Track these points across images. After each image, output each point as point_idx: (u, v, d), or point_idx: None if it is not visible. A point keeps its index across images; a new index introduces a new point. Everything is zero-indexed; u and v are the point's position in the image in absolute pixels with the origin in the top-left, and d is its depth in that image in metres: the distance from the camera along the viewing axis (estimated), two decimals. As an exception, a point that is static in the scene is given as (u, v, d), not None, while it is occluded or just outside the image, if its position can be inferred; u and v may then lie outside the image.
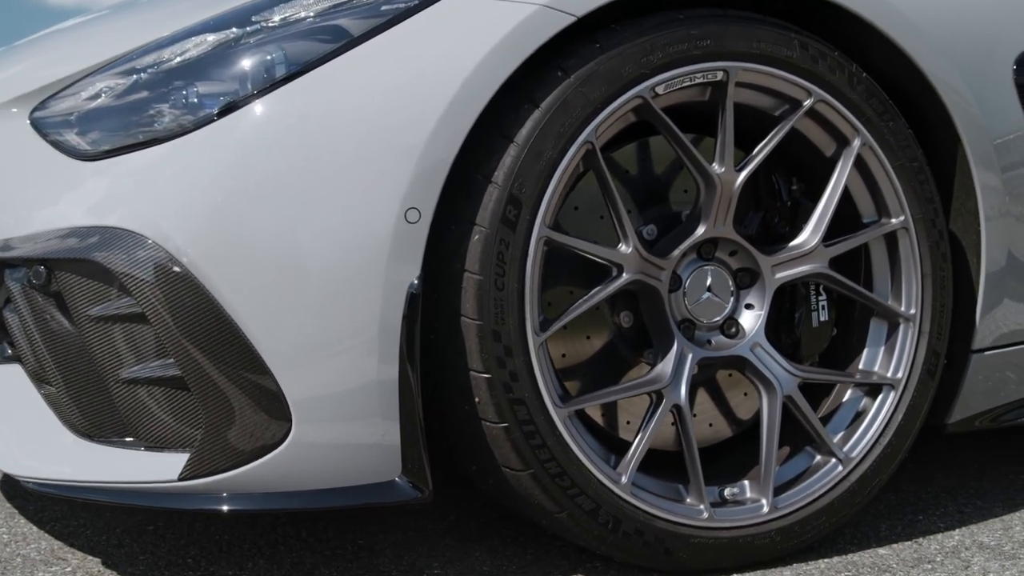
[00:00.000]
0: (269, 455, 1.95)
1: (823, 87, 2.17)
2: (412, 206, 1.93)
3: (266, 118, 1.95)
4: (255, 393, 1.93)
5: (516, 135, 1.99)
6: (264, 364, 1.92)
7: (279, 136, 1.94)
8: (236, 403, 1.94)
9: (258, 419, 1.94)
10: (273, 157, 1.93)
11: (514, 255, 1.98)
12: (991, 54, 2.34)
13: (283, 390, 1.92)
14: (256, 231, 1.92)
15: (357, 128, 1.94)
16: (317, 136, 1.94)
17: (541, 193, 2.00)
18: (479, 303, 1.97)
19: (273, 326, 1.92)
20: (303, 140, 1.94)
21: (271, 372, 1.92)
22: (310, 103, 1.95)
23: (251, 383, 1.93)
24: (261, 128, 1.95)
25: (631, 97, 2.04)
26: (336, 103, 1.95)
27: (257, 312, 1.92)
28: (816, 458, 2.25)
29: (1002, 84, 2.34)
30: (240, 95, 1.98)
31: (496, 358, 1.97)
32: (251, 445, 1.95)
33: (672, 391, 2.12)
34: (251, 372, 1.93)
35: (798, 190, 2.29)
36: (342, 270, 1.92)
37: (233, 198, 1.93)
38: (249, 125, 1.96)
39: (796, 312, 2.29)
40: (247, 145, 1.95)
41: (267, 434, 1.94)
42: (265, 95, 1.97)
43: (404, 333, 1.93)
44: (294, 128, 1.94)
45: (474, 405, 2.00)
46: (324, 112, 1.95)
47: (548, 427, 2.01)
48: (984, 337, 2.36)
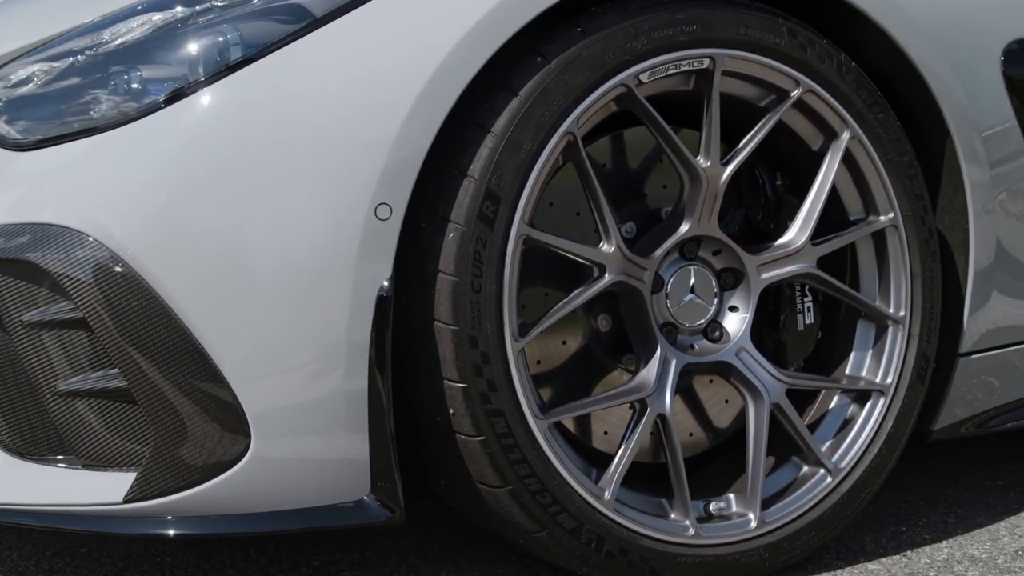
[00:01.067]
0: (226, 473, 1.79)
1: (811, 77, 2.06)
2: (383, 201, 1.78)
3: (219, 106, 1.80)
4: (209, 405, 1.77)
5: (493, 125, 1.85)
6: (219, 373, 1.76)
7: (234, 126, 1.79)
8: (188, 417, 1.78)
9: (213, 434, 1.78)
10: (227, 148, 1.78)
11: (492, 254, 1.84)
12: (980, 44, 2.24)
13: (241, 402, 1.77)
14: (209, 228, 1.76)
15: (321, 117, 1.79)
16: (276, 126, 1.78)
17: (520, 188, 1.86)
18: (454, 306, 1.82)
19: (229, 331, 1.76)
20: (260, 130, 1.78)
21: (227, 382, 1.76)
22: (268, 90, 1.80)
23: (205, 394, 1.77)
24: (213, 117, 1.79)
25: (614, 85, 1.92)
26: (297, 90, 1.80)
27: (211, 315, 1.76)
28: (803, 469, 2.13)
29: (990, 76, 2.25)
30: (189, 81, 1.82)
31: (473, 366, 1.83)
32: (205, 462, 1.79)
33: (657, 399, 2.00)
34: (205, 382, 1.77)
35: (782, 186, 2.18)
36: (306, 270, 1.77)
37: (183, 192, 1.77)
38: (200, 113, 1.80)
39: (781, 314, 2.18)
40: (198, 135, 1.79)
41: (223, 450, 1.78)
42: (217, 81, 1.81)
43: (374, 339, 1.78)
44: (250, 117, 1.79)
45: (448, 417, 1.86)
46: (284, 100, 1.79)
47: (528, 440, 1.87)
48: (971, 340, 2.27)
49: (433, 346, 1.84)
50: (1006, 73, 2.25)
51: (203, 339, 1.76)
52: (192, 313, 1.76)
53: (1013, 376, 2.34)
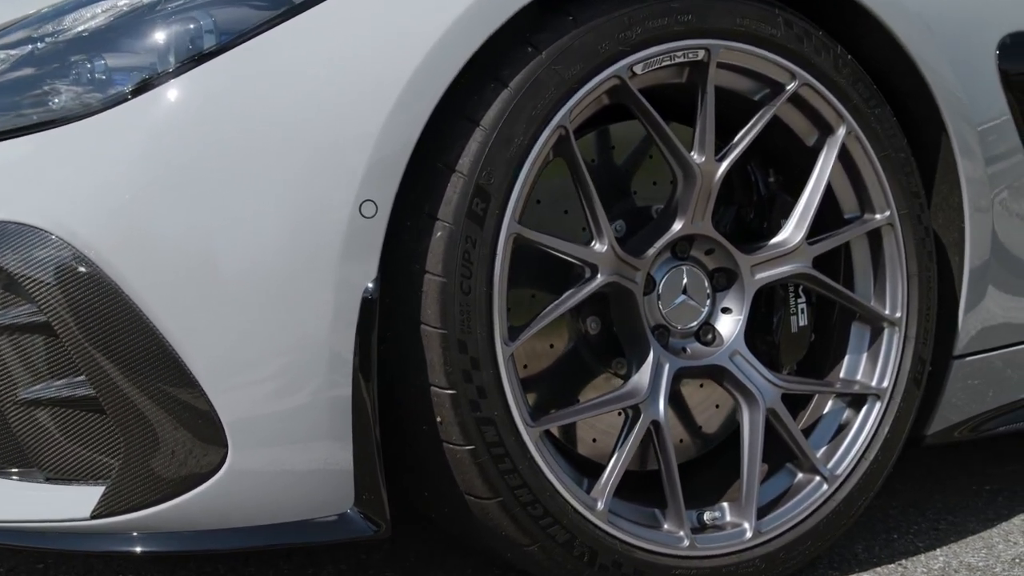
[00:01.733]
0: (201, 487, 1.69)
1: (808, 69, 1.99)
2: (368, 198, 1.69)
3: (191, 97, 1.70)
4: (183, 414, 1.68)
5: (482, 118, 1.76)
6: (193, 379, 1.66)
7: (207, 118, 1.69)
8: (160, 426, 1.68)
9: (187, 444, 1.68)
10: (200, 142, 1.68)
11: (482, 254, 1.76)
12: (975, 38, 2.19)
13: (216, 410, 1.67)
14: (181, 225, 1.67)
15: (302, 109, 1.70)
16: (254, 118, 1.69)
17: (511, 184, 1.78)
18: (442, 309, 1.74)
19: (204, 334, 1.66)
20: (236, 123, 1.69)
21: (202, 389, 1.67)
22: (243, 80, 1.70)
23: (178, 402, 1.68)
24: (185, 108, 1.70)
25: (608, 77, 1.84)
26: (275, 80, 1.70)
27: (184, 318, 1.66)
28: (798, 476, 2.07)
29: (986, 70, 2.19)
30: (158, 71, 1.72)
31: (462, 372, 1.75)
32: (179, 475, 1.69)
33: (650, 405, 1.92)
34: (178, 389, 1.67)
35: (775, 182, 2.11)
36: (287, 270, 1.67)
37: (153, 188, 1.68)
38: (170, 105, 1.70)
39: (774, 316, 2.11)
40: (168, 128, 1.69)
41: (198, 462, 1.69)
42: (189, 70, 1.71)
43: (358, 343, 1.69)
44: (224, 109, 1.69)
45: (434, 425, 1.77)
46: (260, 91, 1.70)
47: (519, 449, 1.79)
48: (965, 342, 2.21)
49: (419, 351, 1.75)
50: (1001, 67, 2.20)
51: (176, 343, 1.66)
52: (164, 315, 1.66)
53: (1007, 379, 2.29)
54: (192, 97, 1.70)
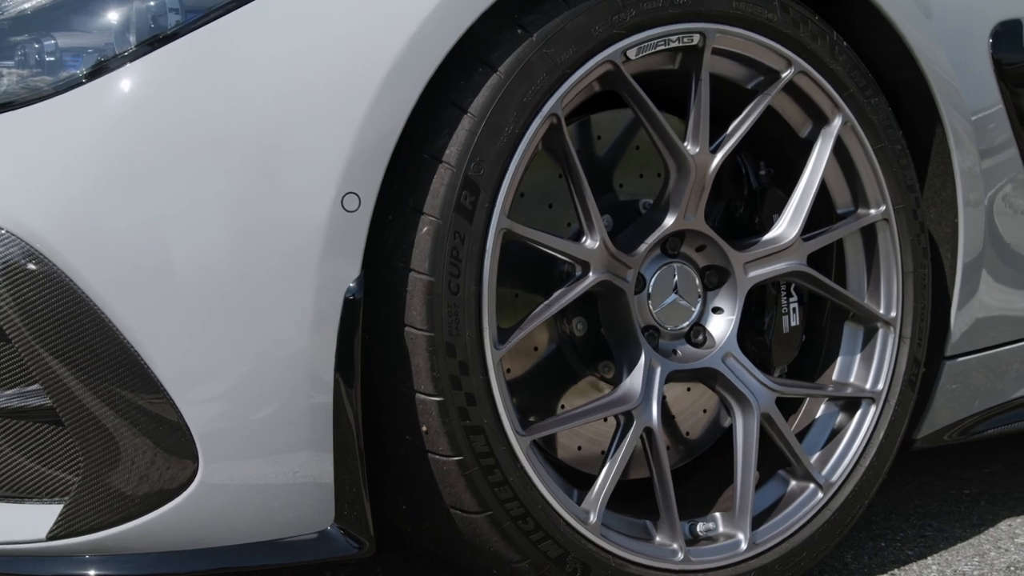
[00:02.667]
0: (169, 504, 1.57)
1: (804, 56, 1.91)
2: (350, 191, 1.58)
3: (154, 81, 1.58)
4: (149, 424, 1.56)
5: (470, 105, 1.66)
6: (160, 386, 1.54)
7: (172, 103, 1.57)
8: (124, 439, 1.56)
9: (154, 458, 1.56)
10: (165, 129, 1.56)
11: (471, 251, 1.65)
12: (969, 25, 2.12)
13: (186, 419, 1.55)
14: (144, 219, 1.55)
15: (277, 94, 1.58)
16: (223, 104, 1.57)
17: (501, 176, 1.67)
18: (429, 310, 1.63)
19: (172, 337, 1.54)
20: (204, 109, 1.57)
21: (170, 396, 1.55)
22: (212, 62, 1.58)
23: (143, 412, 1.55)
24: (147, 93, 1.57)
25: (601, 61, 1.74)
26: (247, 63, 1.59)
27: (150, 319, 1.54)
28: (791, 484, 1.99)
29: (980, 59, 2.13)
30: (116, 52, 1.59)
31: (450, 377, 1.64)
32: (146, 492, 1.57)
33: (643, 411, 1.83)
34: (143, 398, 1.55)
35: (766, 176, 2.03)
36: (262, 269, 1.56)
37: (112, 178, 1.56)
38: (130, 89, 1.58)
39: (765, 316, 2.03)
40: (128, 114, 1.57)
41: (167, 477, 1.57)
42: (151, 51, 1.59)
43: (340, 347, 1.58)
44: (191, 94, 1.57)
45: (419, 435, 1.67)
46: (231, 74, 1.58)
47: (510, 460, 1.69)
48: (957, 342, 2.15)
49: (404, 355, 1.64)
50: (994, 56, 2.14)
51: (140, 346, 1.54)
52: (126, 316, 1.54)
53: (997, 380, 2.23)
54: (154, 81, 1.58)
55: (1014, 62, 2.15)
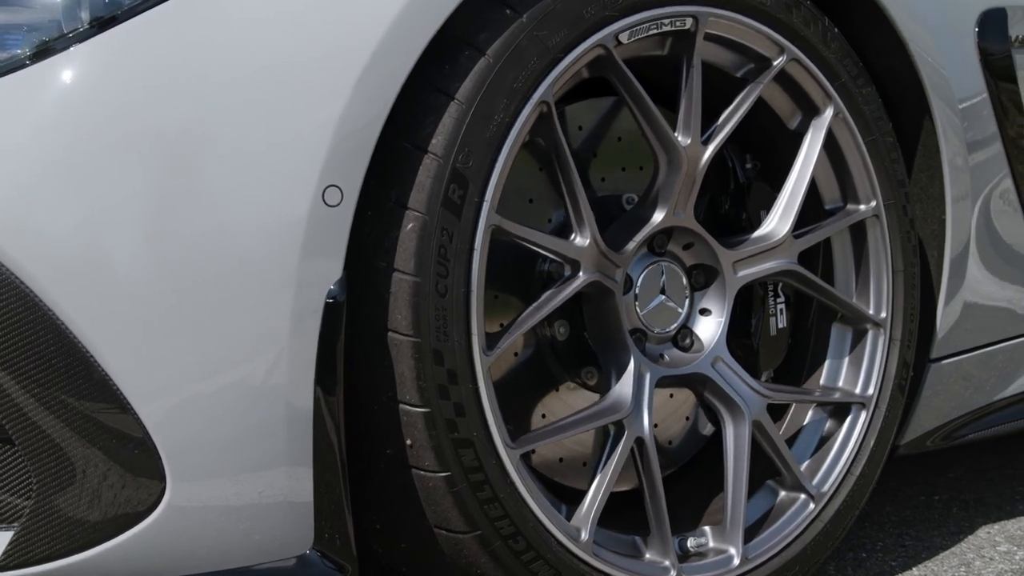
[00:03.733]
0: (133, 529, 1.45)
1: (796, 43, 1.84)
2: (332, 183, 1.47)
3: (109, 63, 1.46)
4: (110, 441, 1.43)
5: (457, 91, 1.56)
6: (122, 397, 1.42)
7: (131, 86, 1.45)
8: (82, 457, 1.43)
9: (116, 478, 1.44)
10: (123, 115, 1.44)
11: (459, 249, 1.55)
12: (956, 11, 2.07)
13: (152, 434, 1.43)
14: (102, 213, 1.42)
15: (251, 76, 1.47)
16: (191, 86, 1.45)
17: (491, 168, 1.57)
18: (415, 313, 1.53)
19: (135, 343, 1.42)
20: (168, 92, 1.45)
21: (133, 409, 1.42)
22: (177, 42, 1.46)
23: (103, 427, 1.43)
24: (102, 76, 1.45)
25: (592, 45, 1.65)
26: (216, 41, 1.47)
27: (108, 323, 1.42)
28: (781, 495, 1.91)
29: (966, 48, 2.08)
30: (66, 30, 1.46)
31: (438, 386, 1.54)
32: (107, 516, 1.44)
33: (634, 420, 1.74)
34: (102, 410, 1.43)
35: (752, 169, 1.96)
36: (236, 268, 1.44)
37: (60, 168, 1.43)
38: (81, 72, 1.45)
39: (752, 318, 1.95)
40: (78, 99, 1.44)
41: (131, 499, 1.44)
42: (107, 30, 1.47)
43: (321, 353, 1.47)
44: (153, 75, 1.45)
45: (401, 449, 1.56)
46: (198, 54, 1.46)
47: (500, 475, 1.59)
48: (943, 344, 2.09)
49: (386, 362, 1.54)
50: (980, 45, 2.08)
51: (98, 354, 1.41)
52: (82, 320, 1.41)
53: (981, 382, 2.18)
54: (109, 63, 1.45)
55: (999, 53, 2.10)
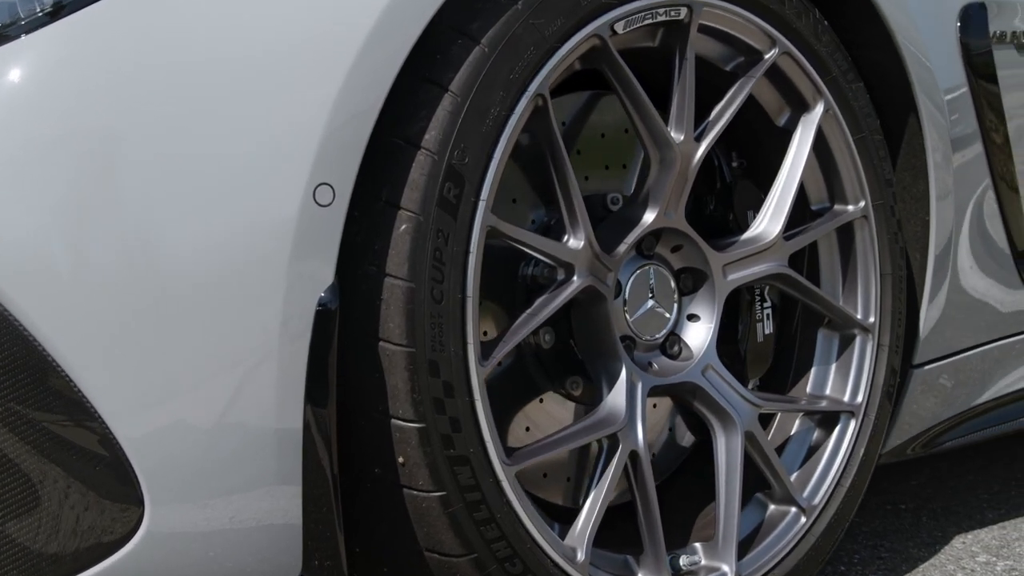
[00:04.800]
0: (109, 560, 1.35)
1: (789, 36, 1.79)
2: (323, 181, 1.39)
3: (74, 49, 1.35)
4: (81, 462, 1.33)
5: (451, 82, 1.48)
6: (94, 412, 1.32)
7: (98, 75, 1.35)
8: (49, 481, 1.32)
9: (89, 504, 1.33)
10: (89, 108, 1.34)
11: (455, 252, 1.47)
12: (939, 5, 2.04)
13: (128, 455, 1.33)
14: (73, 216, 1.32)
15: (234, 63, 1.38)
16: (166, 75, 1.36)
17: (487, 165, 1.50)
18: (409, 322, 1.44)
19: (109, 353, 1.32)
20: (142, 82, 1.35)
21: (107, 426, 1.32)
22: (152, 25, 1.37)
23: (72, 446, 1.32)
24: (68, 64, 1.35)
25: (588, 35, 1.58)
26: (195, 28, 1.37)
27: (79, 333, 1.32)
28: (770, 508, 1.86)
29: (949, 43, 2.04)
30: (22, 15, 1.36)
31: (433, 400, 1.45)
32: (77, 548, 1.34)
33: (629, 433, 1.67)
34: (72, 427, 1.32)
35: (738, 167, 1.90)
36: (219, 274, 1.35)
37: (25, 167, 1.32)
38: (41, 61, 1.34)
39: (739, 323, 1.90)
40: (38, 91, 1.34)
41: (105, 527, 1.34)
42: (69, 14, 1.36)
43: (311, 365, 1.38)
44: (126, 63, 1.35)
45: (392, 468, 1.48)
46: (176, 38, 1.37)
47: (496, 494, 1.51)
48: (925, 349, 2.06)
49: (377, 374, 1.45)
50: (962, 40, 2.05)
51: (66, 363, 1.31)
52: (49, 328, 1.31)
53: (960, 387, 2.15)
54: (74, 49, 1.35)
55: (980, 48, 2.08)
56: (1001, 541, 2.27)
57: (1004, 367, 2.18)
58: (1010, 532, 2.33)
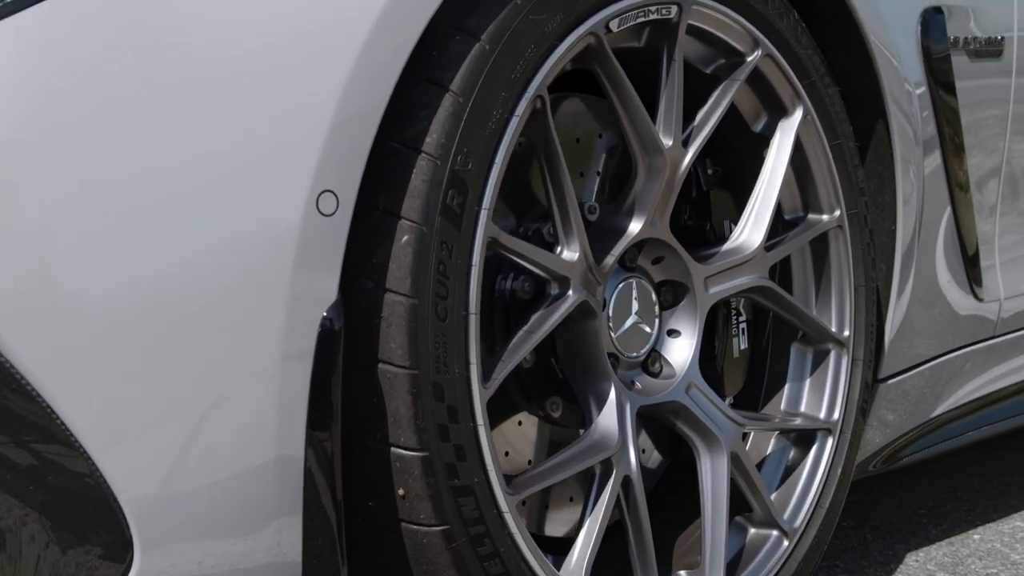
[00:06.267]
0: (94, 612, 1.23)
1: (771, 37, 1.75)
2: (326, 188, 1.29)
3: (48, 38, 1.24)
4: (62, 500, 1.21)
5: (451, 82, 1.40)
6: (77, 444, 1.20)
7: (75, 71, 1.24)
8: (29, 522, 1.20)
9: (70, 548, 1.21)
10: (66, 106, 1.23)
11: (458, 265, 1.39)
12: (902, 7, 2.02)
13: (115, 490, 1.22)
14: (52, 229, 1.20)
15: (229, 56, 1.27)
16: (160, 73, 1.26)
17: (488, 171, 1.42)
18: (413, 341, 1.35)
19: (94, 379, 1.21)
20: (133, 80, 1.25)
21: (92, 460, 1.21)
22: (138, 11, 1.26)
23: (54, 483, 1.21)
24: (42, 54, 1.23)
25: (585, 33, 1.52)
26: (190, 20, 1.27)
27: (58, 355, 1.20)
28: (751, 532, 1.81)
29: (911, 46, 2.03)
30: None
31: (437, 426, 1.37)
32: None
33: (622, 457, 1.61)
34: (49, 459, 1.21)
35: (713, 175, 1.86)
36: (214, 291, 1.24)
37: None
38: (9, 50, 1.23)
39: (716, 338, 1.85)
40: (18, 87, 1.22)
41: (90, 572, 1.22)
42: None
43: (314, 389, 1.29)
44: (106, 56, 1.24)
45: (389, 500, 1.39)
46: (165, 26, 1.26)
47: (499, 526, 1.43)
48: (890, 362, 2.04)
49: (376, 399, 1.36)
50: (923, 44, 2.04)
51: (47, 392, 1.19)
52: (24, 349, 1.19)
53: (920, 400, 2.14)
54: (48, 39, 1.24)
55: (939, 53, 2.07)
56: (953, 558, 2.27)
57: (962, 377, 2.18)
58: (959, 548, 2.32)
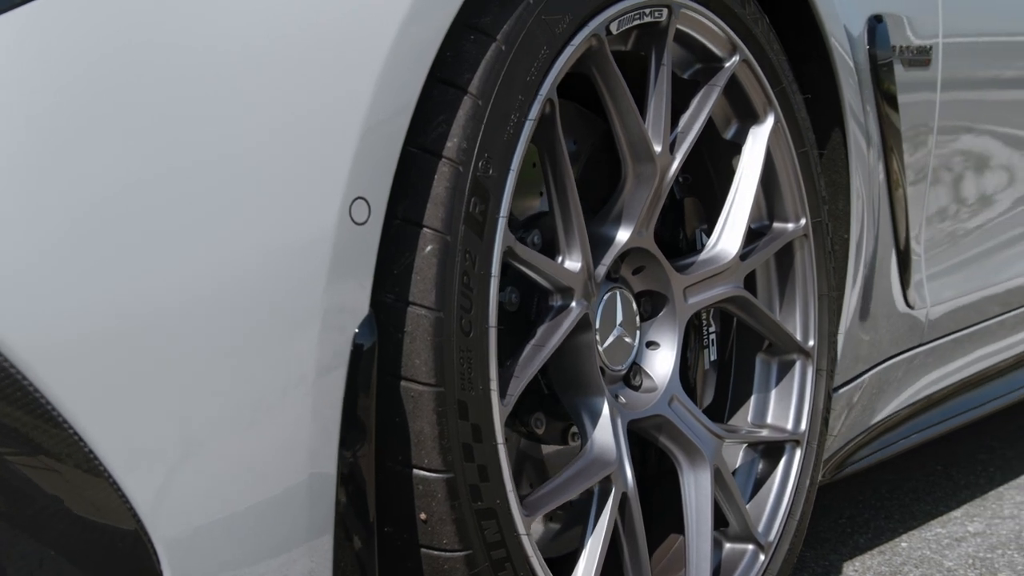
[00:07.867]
0: (121, 656, 1.15)
1: (748, 43, 1.75)
2: (359, 195, 1.24)
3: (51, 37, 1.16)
4: (86, 527, 1.13)
5: (469, 83, 1.35)
6: (103, 469, 1.13)
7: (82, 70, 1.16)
8: (52, 553, 1.12)
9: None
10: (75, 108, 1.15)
11: (480, 276, 1.35)
12: (855, 13, 2.04)
13: (142, 518, 1.14)
14: (68, 242, 1.13)
15: (254, 54, 1.21)
16: (181, 76, 1.19)
17: (506, 177, 1.38)
18: (438, 357, 1.31)
19: (118, 402, 1.13)
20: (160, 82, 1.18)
21: (118, 485, 1.13)
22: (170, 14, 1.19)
23: (79, 511, 1.13)
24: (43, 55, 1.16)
25: (589, 35, 1.49)
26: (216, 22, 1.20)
27: (84, 377, 1.13)
28: (726, 548, 1.81)
29: (864, 55, 2.06)
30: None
31: (462, 446, 1.32)
32: (83, 642, 1.14)
33: (620, 474, 1.58)
34: (73, 487, 1.13)
35: (684, 183, 1.85)
36: (244, 304, 1.18)
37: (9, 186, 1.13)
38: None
39: (689, 349, 1.84)
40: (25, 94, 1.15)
41: (117, 618, 1.15)
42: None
43: (347, 410, 1.23)
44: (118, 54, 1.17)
45: (408, 526, 1.34)
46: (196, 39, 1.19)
47: (519, 549, 1.39)
48: (842, 372, 2.06)
49: (398, 419, 1.31)
50: (871, 52, 2.07)
51: (71, 416, 1.12)
52: (50, 375, 1.12)
53: (864, 407, 2.17)
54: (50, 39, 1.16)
55: (883, 60, 2.10)
56: (890, 567, 2.30)
57: (906, 381, 2.22)
58: (891, 557, 2.36)
